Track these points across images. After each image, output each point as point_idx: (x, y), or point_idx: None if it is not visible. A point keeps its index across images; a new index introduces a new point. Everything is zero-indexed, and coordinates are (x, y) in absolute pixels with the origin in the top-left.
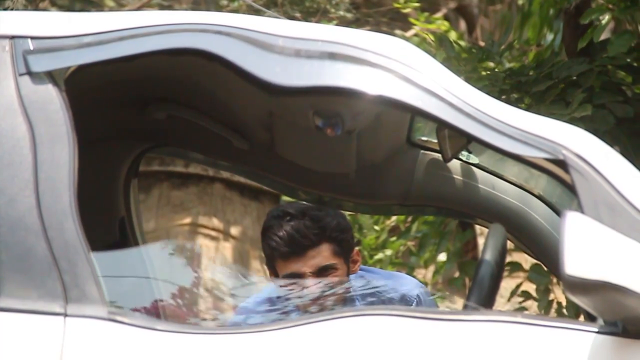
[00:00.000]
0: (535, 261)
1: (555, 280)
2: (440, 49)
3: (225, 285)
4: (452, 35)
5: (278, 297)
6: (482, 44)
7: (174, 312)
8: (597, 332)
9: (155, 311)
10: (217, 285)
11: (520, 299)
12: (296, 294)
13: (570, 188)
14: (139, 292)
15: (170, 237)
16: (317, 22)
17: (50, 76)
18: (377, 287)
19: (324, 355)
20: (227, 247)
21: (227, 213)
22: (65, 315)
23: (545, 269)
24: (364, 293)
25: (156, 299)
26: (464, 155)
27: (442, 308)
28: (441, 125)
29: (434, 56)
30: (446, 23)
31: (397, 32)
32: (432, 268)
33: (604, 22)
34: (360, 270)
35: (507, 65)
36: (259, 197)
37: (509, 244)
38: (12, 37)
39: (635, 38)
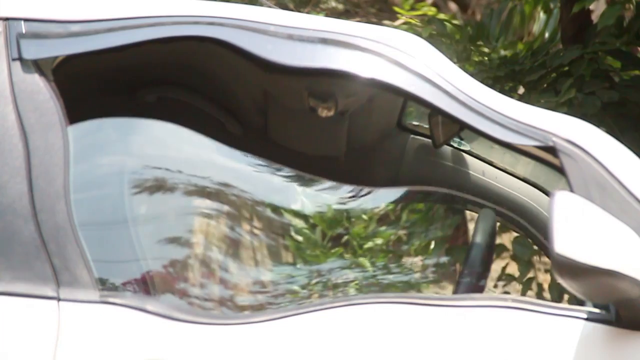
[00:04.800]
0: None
1: (539, 258)
2: (428, 26)
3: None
4: (442, 17)
5: None
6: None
7: (165, 281)
8: (587, 319)
9: (145, 285)
10: (207, 260)
11: (504, 282)
12: None
13: (561, 172)
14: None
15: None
16: (308, 12)
17: (41, 63)
18: None
19: (315, 346)
20: (221, 222)
21: None
22: (59, 299)
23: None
24: None
25: (144, 273)
26: (455, 141)
27: (431, 294)
28: (433, 111)
29: (419, 35)
30: (433, 8)
31: (386, 22)
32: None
33: None
34: None
35: (502, 52)
36: None
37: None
38: (7, 19)
39: (623, 8)
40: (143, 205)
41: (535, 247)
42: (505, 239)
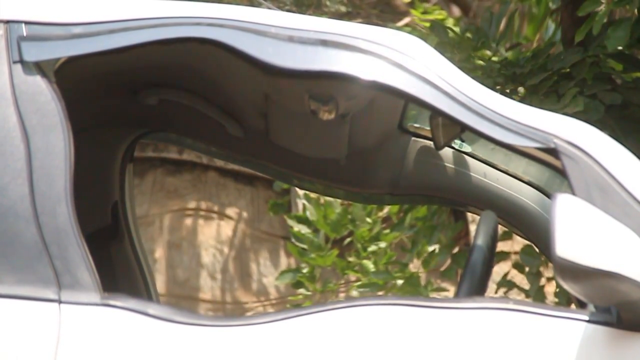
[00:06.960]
0: (526, 243)
1: (547, 265)
2: (432, 34)
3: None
4: (450, 22)
5: None
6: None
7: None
8: (589, 321)
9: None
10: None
11: (505, 289)
12: None
13: (563, 174)
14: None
15: (164, 220)
16: (310, 14)
17: (43, 66)
18: None
19: (317, 348)
20: (222, 226)
21: (222, 197)
22: (60, 302)
23: (537, 250)
24: None
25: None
26: (456, 143)
27: (434, 296)
28: (435, 113)
29: (425, 42)
30: (443, 12)
31: (388, 24)
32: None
33: (601, 13)
34: None
35: (504, 54)
36: (252, 181)
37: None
38: (7, 22)
39: (632, 25)
40: None
41: (537, 251)
42: (507, 246)
